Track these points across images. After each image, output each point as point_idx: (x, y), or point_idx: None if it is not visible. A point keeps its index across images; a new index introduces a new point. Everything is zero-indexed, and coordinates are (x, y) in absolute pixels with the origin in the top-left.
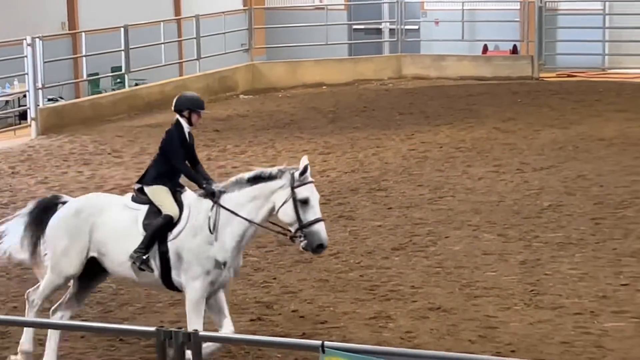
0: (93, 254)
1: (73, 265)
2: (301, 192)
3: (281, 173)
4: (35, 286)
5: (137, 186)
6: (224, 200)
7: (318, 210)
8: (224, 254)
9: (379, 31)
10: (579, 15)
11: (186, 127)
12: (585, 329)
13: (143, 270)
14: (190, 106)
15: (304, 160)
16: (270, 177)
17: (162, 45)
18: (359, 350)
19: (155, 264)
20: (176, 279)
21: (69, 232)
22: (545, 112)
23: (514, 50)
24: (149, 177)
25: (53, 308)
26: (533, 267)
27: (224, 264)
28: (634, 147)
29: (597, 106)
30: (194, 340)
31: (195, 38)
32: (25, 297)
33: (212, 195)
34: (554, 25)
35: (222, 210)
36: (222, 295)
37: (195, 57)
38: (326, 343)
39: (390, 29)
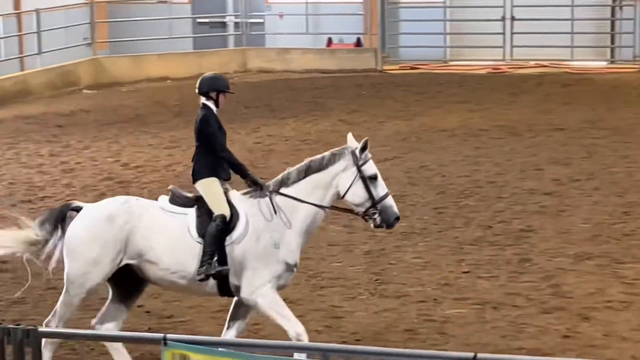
0: (130, 261)
1: (103, 275)
2: (368, 169)
3: (339, 155)
4: (52, 312)
5: (172, 187)
6: (280, 196)
7: (384, 184)
8: (293, 255)
9: (223, 25)
10: (420, 8)
11: (214, 109)
12: (428, 317)
13: (204, 280)
14: (218, 87)
15: (350, 137)
16: (327, 163)
17: (2, 39)
18: (201, 342)
19: None
20: (234, 284)
21: (102, 240)
22: (389, 104)
23: (358, 43)
24: (197, 172)
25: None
26: (377, 256)
27: (295, 265)
28: (474, 137)
29: (439, 98)
30: (33, 336)
31: (36, 32)
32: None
33: (258, 185)
34: (396, 18)
35: (282, 205)
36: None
37: (37, 52)
38: (168, 335)
39: (235, 23)
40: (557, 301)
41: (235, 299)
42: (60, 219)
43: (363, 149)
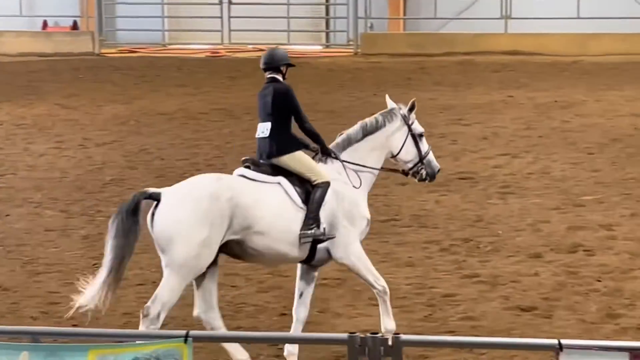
0: (233, 237)
1: (213, 254)
2: (417, 128)
3: (390, 116)
4: (152, 298)
5: (247, 157)
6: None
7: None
8: (367, 211)
9: None
10: None
11: None
12: (147, 300)
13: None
14: (288, 60)
15: (389, 100)
16: (381, 125)
17: None
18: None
19: None
20: (325, 246)
21: (210, 219)
22: (108, 88)
23: (75, 26)
24: (282, 146)
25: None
26: (95, 241)
27: (369, 220)
28: (193, 120)
29: (157, 81)
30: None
31: None
32: (145, 313)
33: (329, 154)
34: (113, 1)
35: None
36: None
37: None
38: None
39: None
40: (274, 280)
41: (301, 269)
42: (137, 209)
43: (411, 109)
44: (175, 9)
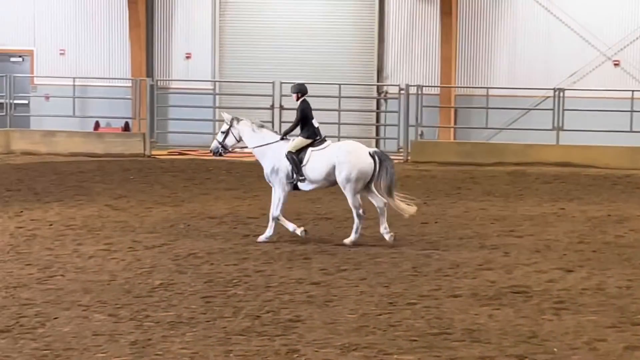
0: None
1: None
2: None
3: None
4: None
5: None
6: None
7: None
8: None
9: None
10: (190, 94)
11: None
12: None
13: None
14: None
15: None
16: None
17: None
18: None
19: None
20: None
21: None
22: (157, 190)
23: (126, 128)
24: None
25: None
26: (144, 347)
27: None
28: (243, 225)
29: (207, 184)
30: None
31: None
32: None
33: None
34: (165, 104)
35: None
36: None
37: None
38: None
39: None
40: None
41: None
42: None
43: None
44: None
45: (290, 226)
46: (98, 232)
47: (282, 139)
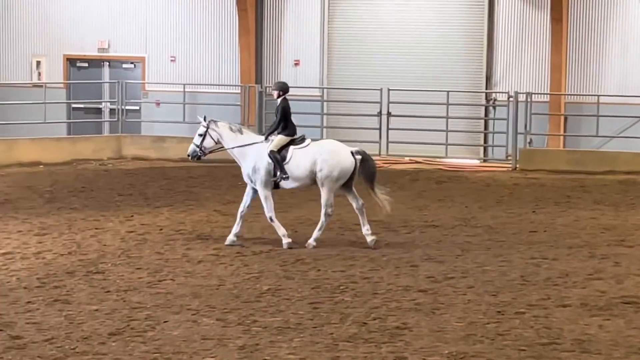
0: None
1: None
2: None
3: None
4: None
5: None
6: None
7: None
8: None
9: (99, 110)
10: (298, 100)
11: None
12: None
13: None
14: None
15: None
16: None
17: None
18: None
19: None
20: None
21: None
22: None
23: None
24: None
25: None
26: (252, 352)
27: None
28: (350, 231)
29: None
30: None
31: None
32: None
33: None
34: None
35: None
36: None
37: None
38: None
39: (110, 109)
40: None
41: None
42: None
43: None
44: (335, 120)
45: (281, 231)
46: (207, 237)
47: (266, 139)
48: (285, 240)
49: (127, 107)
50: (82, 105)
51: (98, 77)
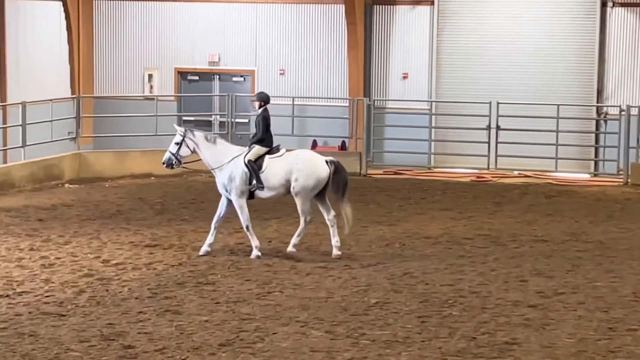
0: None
1: None
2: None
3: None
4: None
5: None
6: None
7: None
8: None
9: (209, 123)
10: (406, 114)
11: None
12: None
13: None
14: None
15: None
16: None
17: None
18: None
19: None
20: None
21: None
22: (373, 209)
23: (343, 147)
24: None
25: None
26: None
27: None
28: (458, 245)
29: (422, 204)
30: None
31: (20, 125)
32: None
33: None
34: (382, 123)
35: None
36: None
37: (21, 145)
38: None
39: (220, 122)
40: None
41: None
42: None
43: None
44: (443, 133)
45: (255, 242)
46: (315, 249)
47: (249, 148)
48: (256, 253)
49: (236, 120)
50: (192, 118)
51: (208, 90)
